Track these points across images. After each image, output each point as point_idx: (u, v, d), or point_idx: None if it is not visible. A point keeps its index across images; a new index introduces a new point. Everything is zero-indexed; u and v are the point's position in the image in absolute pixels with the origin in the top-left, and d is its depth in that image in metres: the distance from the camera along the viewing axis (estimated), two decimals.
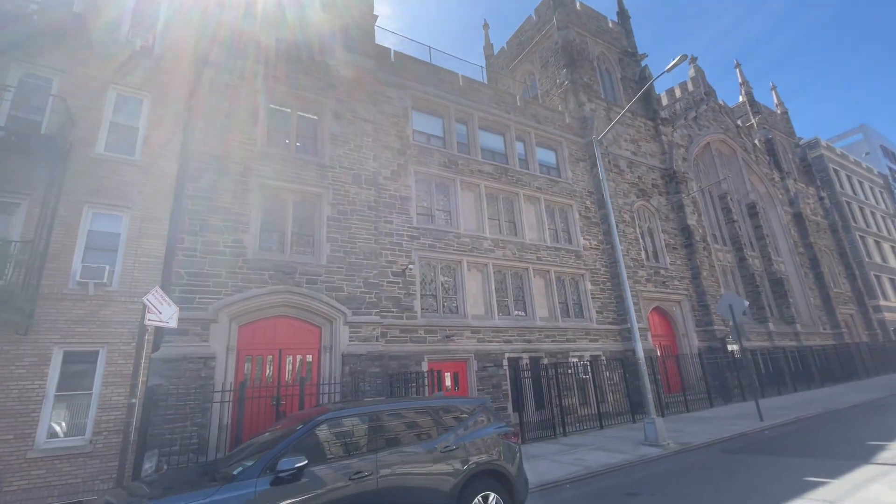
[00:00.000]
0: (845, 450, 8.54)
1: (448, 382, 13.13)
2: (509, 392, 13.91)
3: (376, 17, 15.61)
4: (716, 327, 20.70)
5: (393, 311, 12.94)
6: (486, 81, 28.93)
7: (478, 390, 13.55)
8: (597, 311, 17.60)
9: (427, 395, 12.34)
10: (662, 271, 20.66)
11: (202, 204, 10.74)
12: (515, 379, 14.06)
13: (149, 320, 6.79)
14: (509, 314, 15.60)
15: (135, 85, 10.73)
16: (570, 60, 22.38)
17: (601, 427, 13.60)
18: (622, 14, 27.28)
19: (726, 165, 29.30)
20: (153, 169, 10.39)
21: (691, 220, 22.50)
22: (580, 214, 19.01)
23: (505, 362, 14.38)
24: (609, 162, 20.81)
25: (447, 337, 13.58)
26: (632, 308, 12.00)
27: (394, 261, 13.50)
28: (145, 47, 11.23)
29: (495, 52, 29.90)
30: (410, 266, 13.33)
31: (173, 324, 7.21)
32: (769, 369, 22.17)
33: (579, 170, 20.02)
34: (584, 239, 18.64)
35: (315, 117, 13.47)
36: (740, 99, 36.09)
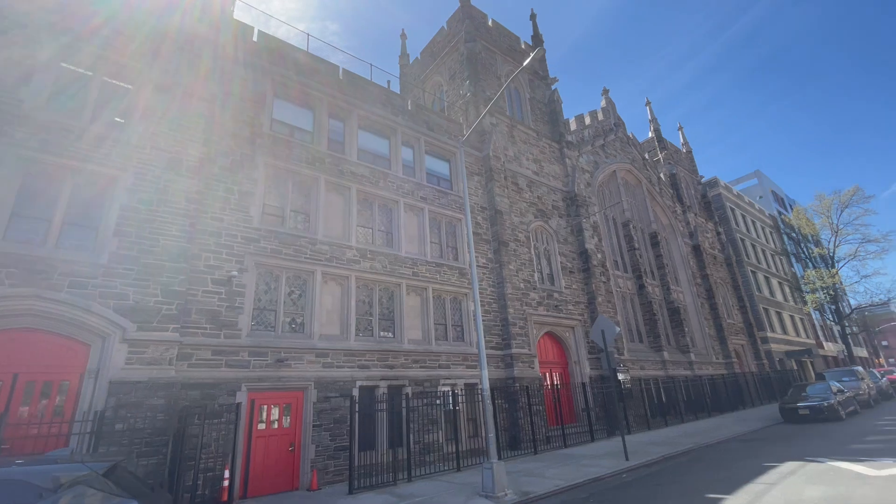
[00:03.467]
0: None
1: (272, 417, 10.69)
2: (356, 428, 11.74)
3: None
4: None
5: (206, 328, 10.49)
6: (398, 91, 27.76)
7: (313, 426, 11.29)
8: None
9: (239, 434, 9.98)
10: (556, 295, 19.79)
11: None
12: (368, 412, 12.03)
13: None
14: (372, 335, 13.63)
15: None
16: (474, 72, 21.60)
17: (458, 469, 11.80)
18: (536, 38, 27.38)
19: (631, 195, 29.90)
20: None
21: (590, 244, 22.08)
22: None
23: (356, 391, 12.28)
24: (506, 178, 19.91)
25: (280, 361, 11.29)
26: (480, 326, 10.48)
27: (217, 266, 11.13)
28: None
29: (411, 61, 28.89)
30: (234, 273, 11.02)
31: None
32: (661, 399, 21.84)
33: (473, 183, 18.87)
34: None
35: (129, 87, 11.04)
36: (649, 135, 37.77)
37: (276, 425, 10.95)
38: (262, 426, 10.72)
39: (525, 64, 10.18)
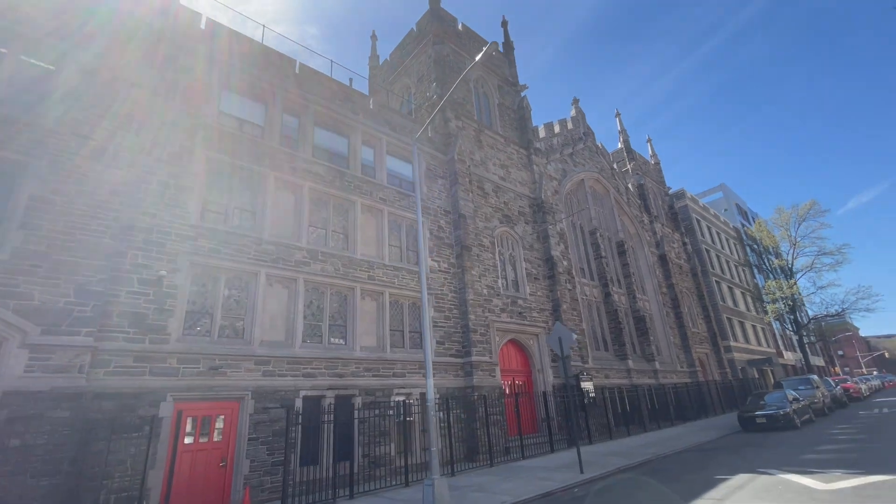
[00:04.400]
0: None
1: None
2: (298, 442, 10.95)
3: None
4: (572, 363, 19.73)
5: (128, 332, 9.57)
6: (367, 92, 27.15)
7: (249, 440, 10.44)
8: (437, 342, 15.55)
9: (159, 449, 9.09)
10: (521, 301, 19.44)
11: None
12: (312, 424, 11.24)
13: None
14: (321, 342, 12.87)
15: None
16: (441, 75, 21.28)
17: (407, 484, 11.13)
18: (507, 44, 27.36)
19: (599, 204, 30.07)
20: None
21: (556, 251, 21.89)
22: (432, 233, 17.19)
23: (299, 402, 11.49)
24: (471, 182, 19.54)
25: (214, 368, 10.44)
26: (427, 328, 9.89)
27: (146, 265, 10.23)
28: None
29: (381, 63, 28.42)
30: (164, 273, 10.15)
31: None
32: (625, 408, 21.67)
33: (437, 186, 18.41)
34: (433, 260, 16.76)
35: (52, 68, 10.12)
36: (619, 145, 38.32)
37: (205, 438, 10.06)
38: (189, 440, 9.82)
39: (478, 59, 9.82)
